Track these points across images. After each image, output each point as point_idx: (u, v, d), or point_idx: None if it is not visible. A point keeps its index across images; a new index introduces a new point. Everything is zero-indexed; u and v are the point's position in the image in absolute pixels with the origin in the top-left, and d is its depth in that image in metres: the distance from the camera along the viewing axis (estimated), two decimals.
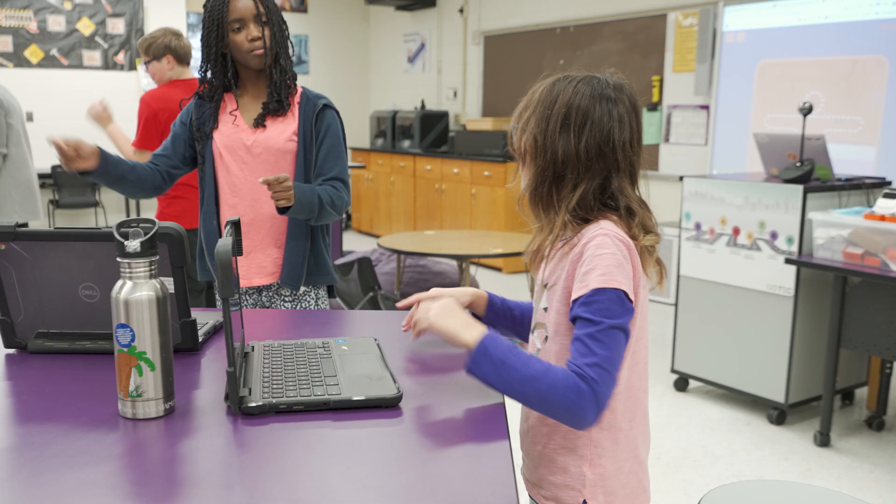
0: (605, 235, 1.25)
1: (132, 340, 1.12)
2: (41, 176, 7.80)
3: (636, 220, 1.31)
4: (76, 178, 7.68)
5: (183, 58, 3.90)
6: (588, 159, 1.29)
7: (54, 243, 1.36)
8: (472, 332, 1.25)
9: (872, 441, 3.51)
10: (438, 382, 1.34)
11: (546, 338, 1.34)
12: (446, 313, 1.29)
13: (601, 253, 1.24)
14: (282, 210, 2.10)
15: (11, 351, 1.47)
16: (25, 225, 1.79)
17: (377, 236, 8.71)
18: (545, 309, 1.35)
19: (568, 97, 1.31)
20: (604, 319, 1.20)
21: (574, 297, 1.24)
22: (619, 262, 1.23)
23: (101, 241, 1.35)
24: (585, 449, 1.31)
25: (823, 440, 3.43)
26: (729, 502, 1.65)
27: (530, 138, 1.32)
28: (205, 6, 2.21)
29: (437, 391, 1.30)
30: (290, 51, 2.27)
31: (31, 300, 1.41)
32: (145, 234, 1.12)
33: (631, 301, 1.24)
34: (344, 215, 8.88)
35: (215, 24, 2.18)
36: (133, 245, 1.11)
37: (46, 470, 0.99)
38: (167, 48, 3.84)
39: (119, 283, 1.13)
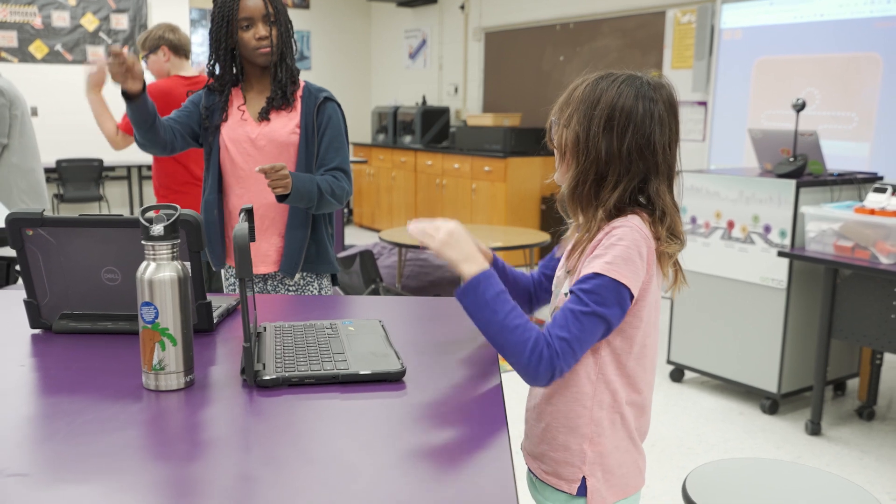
0: (628, 228, 1.31)
1: (156, 317, 1.21)
2: (46, 170, 7.88)
3: (666, 223, 1.35)
4: (82, 172, 7.62)
5: (179, 49, 3.92)
6: (630, 160, 1.33)
7: (79, 229, 1.45)
8: (471, 266, 1.32)
9: (863, 430, 3.60)
10: (439, 360, 1.43)
11: None
12: (453, 242, 1.35)
13: (616, 243, 1.30)
14: (280, 198, 2.18)
15: (37, 331, 1.56)
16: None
17: (378, 231, 8.79)
18: (566, 294, 1.39)
19: (612, 98, 1.34)
20: (591, 304, 1.27)
21: (580, 275, 1.32)
22: (629, 256, 1.29)
23: (122, 227, 1.44)
24: (586, 428, 1.39)
25: (814, 429, 3.51)
26: (714, 478, 1.74)
27: (572, 136, 1.36)
28: (215, 2, 2.29)
29: (438, 367, 1.39)
30: (295, 49, 2.36)
31: (56, 283, 1.50)
32: (168, 219, 1.21)
33: (631, 297, 1.31)
34: (346, 210, 8.96)
35: (225, 21, 2.26)
36: (157, 229, 1.19)
37: (80, 434, 1.08)
38: (161, 39, 3.88)
39: (143, 264, 1.22)
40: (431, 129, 8.41)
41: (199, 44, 9.00)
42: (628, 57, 6.52)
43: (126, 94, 2.18)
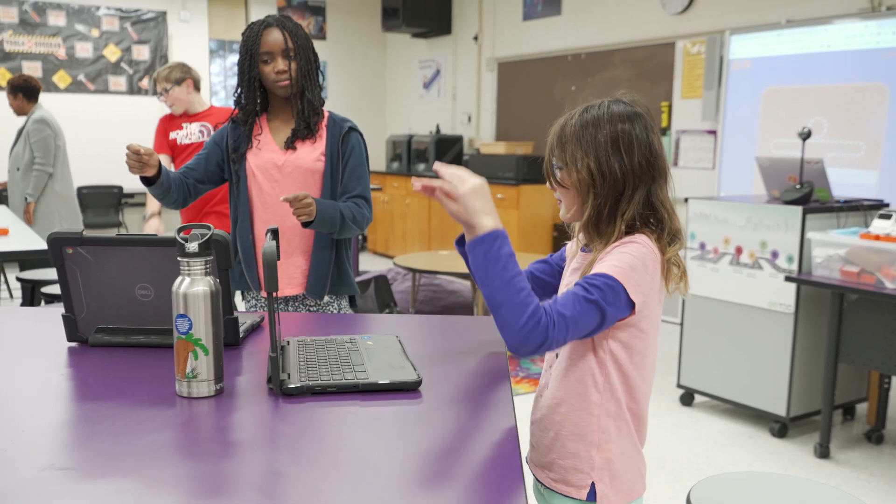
0: (637, 244, 1.39)
1: (189, 328, 1.30)
2: None
3: (667, 228, 1.44)
4: (102, 198, 7.79)
5: (198, 83, 4.19)
6: (641, 171, 1.42)
7: (115, 248, 1.54)
8: (493, 220, 1.33)
9: (871, 453, 3.63)
10: (453, 371, 1.51)
11: None
12: (480, 192, 1.35)
13: (624, 251, 1.38)
14: (305, 224, 2.29)
15: (73, 344, 1.65)
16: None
17: (392, 257, 8.89)
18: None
19: (609, 121, 1.42)
20: (594, 292, 1.33)
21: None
22: (634, 266, 1.37)
23: (156, 246, 1.53)
24: (594, 435, 1.46)
25: (823, 452, 3.55)
26: (719, 490, 1.80)
27: (585, 170, 1.42)
28: (243, 34, 2.42)
29: (452, 378, 1.47)
30: (320, 80, 2.47)
31: (92, 298, 1.59)
32: (202, 237, 1.30)
33: (632, 304, 1.38)
34: (360, 236, 9.06)
35: (248, 54, 2.38)
36: (192, 246, 1.29)
37: (119, 434, 1.16)
38: (187, 73, 4.13)
39: (178, 279, 1.31)
40: (445, 157, 8.54)
41: (216, 73, 9.20)
42: (638, 86, 6.63)
43: (144, 179, 2.32)
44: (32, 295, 4.86)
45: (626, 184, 1.42)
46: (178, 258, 1.30)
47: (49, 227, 5.04)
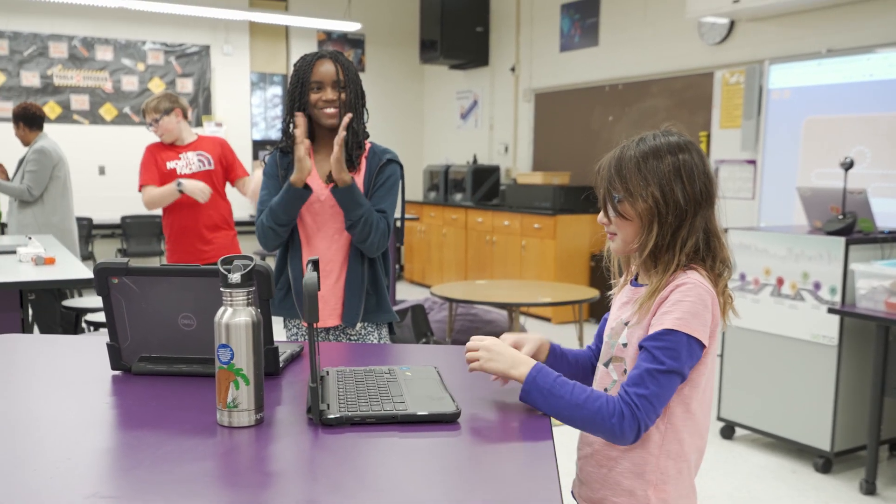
0: (692, 284, 1.40)
1: (231, 358, 1.32)
2: (110, 226, 8.22)
3: (718, 256, 1.46)
4: (144, 228, 7.93)
5: (186, 112, 4.30)
6: (702, 198, 1.44)
7: (160, 278, 1.57)
8: (521, 368, 1.43)
9: None
10: (493, 404, 1.51)
11: (625, 371, 1.49)
12: (493, 356, 1.47)
13: (684, 299, 1.39)
14: (334, 188, 2.37)
15: (117, 372, 1.68)
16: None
17: (429, 286, 8.91)
18: (624, 345, 1.48)
19: (669, 151, 1.44)
20: (667, 361, 1.35)
21: (650, 331, 1.39)
22: (697, 311, 1.38)
23: (199, 277, 1.56)
24: (652, 475, 1.45)
25: (869, 488, 3.47)
26: None
27: (650, 199, 1.43)
28: (296, 64, 2.47)
29: (492, 411, 1.46)
30: (365, 117, 2.51)
31: (136, 328, 1.62)
32: (244, 268, 1.32)
33: (702, 347, 1.38)
34: (397, 266, 9.09)
35: (299, 82, 2.43)
36: (235, 277, 1.31)
37: (161, 463, 1.18)
38: (175, 102, 4.21)
39: (221, 309, 1.33)
40: (482, 186, 8.57)
41: (257, 105, 9.35)
42: (677, 116, 6.61)
43: (293, 191, 2.40)
44: (77, 323, 4.95)
45: (687, 211, 1.43)
46: (221, 289, 1.32)
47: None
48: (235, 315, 1.32)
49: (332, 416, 1.34)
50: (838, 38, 5.43)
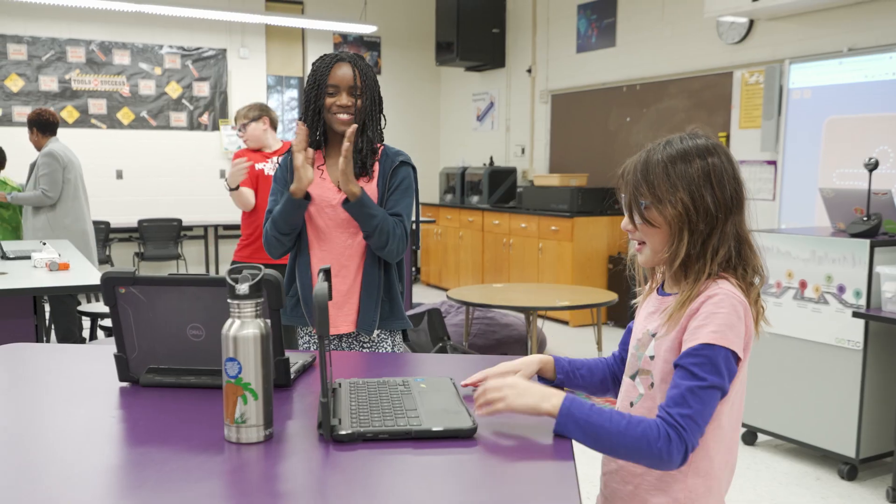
0: (724, 295, 1.34)
1: (239, 372, 1.28)
2: (128, 230, 8.24)
3: (751, 264, 1.40)
4: (162, 231, 7.97)
5: (274, 123, 4.27)
6: (733, 203, 1.38)
7: (167, 287, 1.53)
8: (552, 400, 1.34)
9: None
10: (510, 417, 1.46)
11: (652, 384, 1.43)
12: (520, 392, 1.37)
13: (717, 311, 1.32)
14: (345, 202, 2.32)
15: (125, 384, 1.64)
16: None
17: (446, 289, 8.86)
18: (651, 357, 1.43)
19: (698, 155, 1.38)
20: (707, 376, 1.29)
21: (684, 347, 1.33)
22: (731, 323, 1.32)
23: (208, 286, 1.52)
24: (680, 493, 1.38)
25: (895, 496, 3.39)
26: None
27: (679, 205, 1.36)
28: (314, 64, 2.43)
29: (508, 425, 1.41)
30: (382, 123, 2.46)
31: (144, 339, 1.59)
32: (252, 279, 1.28)
33: (738, 360, 1.33)
34: (413, 268, 9.06)
35: (316, 84, 2.39)
36: (242, 288, 1.27)
37: (168, 482, 1.14)
38: (263, 110, 4.21)
39: (229, 321, 1.29)
40: (499, 189, 8.51)
41: (275, 108, 9.34)
42: (695, 117, 6.53)
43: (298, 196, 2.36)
44: (94, 328, 4.95)
45: (718, 217, 1.37)
46: (228, 300, 1.28)
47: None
48: (243, 327, 1.28)
49: (343, 433, 1.29)
50: (860, 36, 5.34)
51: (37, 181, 5.21)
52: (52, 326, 5.17)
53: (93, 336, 4.98)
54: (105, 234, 7.88)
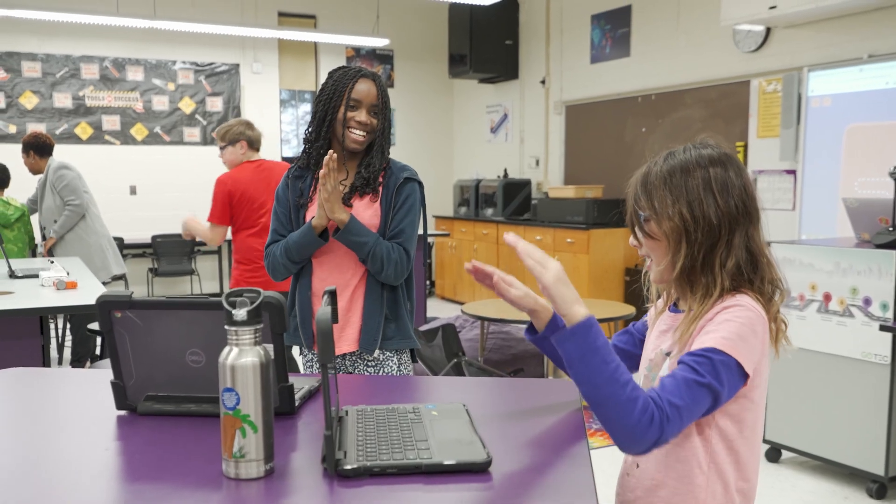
0: (741, 307, 1.28)
1: (237, 403, 1.20)
2: (141, 245, 8.21)
3: (767, 278, 1.33)
4: (176, 247, 7.94)
5: (253, 144, 4.24)
6: (737, 214, 1.32)
7: (165, 311, 1.46)
8: (583, 308, 1.26)
9: None
10: (526, 447, 1.37)
11: None
12: (565, 279, 1.30)
13: (731, 319, 1.26)
14: (335, 232, 2.27)
15: (122, 412, 1.57)
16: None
17: (461, 303, 8.78)
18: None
19: (699, 166, 1.32)
20: (706, 375, 1.22)
21: (693, 349, 1.26)
22: (744, 335, 1.25)
23: (207, 310, 1.45)
24: None
25: None
26: None
27: (677, 216, 1.32)
28: (332, 73, 2.36)
29: (526, 456, 1.33)
30: (390, 141, 2.41)
31: (141, 365, 1.51)
32: (251, 303, 1.20)
33: (744, 377, 1.25)
34: (427, 282, 8.99)
35: (335, 93, 2.31)
36: (240, 314, 1.19)
37: None
38: (241, 135, 4.18)
39: (226, 349, 1.21)
40: (513, 201, 8.43)
41: (288, 122, 9.32)
42: (712, 126, 6.44)
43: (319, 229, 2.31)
44: (104, 346, 4.91)
45: (721, 229, 1.30)
46: (226, 327, 1.21)
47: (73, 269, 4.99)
48: (242, 355, 1.20)
49: (349, 468, 1.21)
50: (879, 42, 5.24)
51: (55, 197, 5.25)
52: (71, 339, 5.22)
53: (104, 353, 4.94)
54: (119, 250, 7.85)
